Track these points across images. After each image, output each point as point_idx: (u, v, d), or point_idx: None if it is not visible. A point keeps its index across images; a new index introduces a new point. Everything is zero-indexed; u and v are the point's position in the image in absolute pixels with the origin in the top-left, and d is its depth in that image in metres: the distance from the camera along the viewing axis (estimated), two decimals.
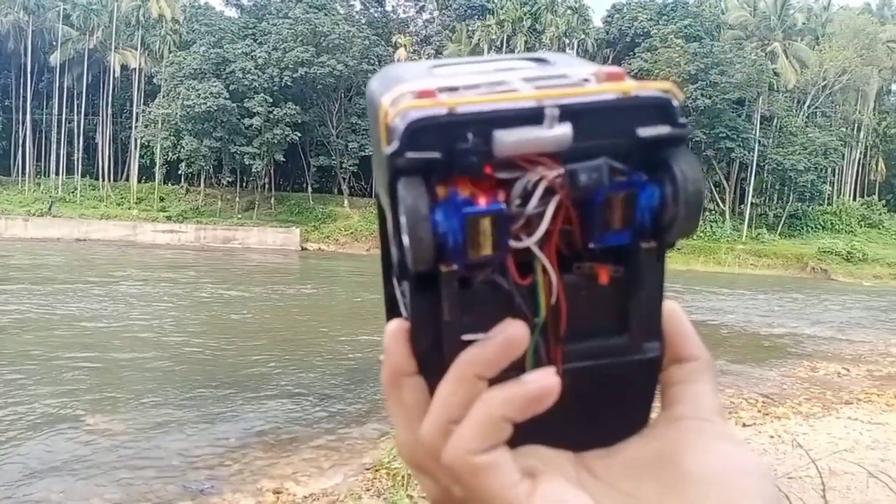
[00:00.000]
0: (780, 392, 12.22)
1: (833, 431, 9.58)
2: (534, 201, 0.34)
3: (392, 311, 0.45)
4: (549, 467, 0.37)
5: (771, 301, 26.35)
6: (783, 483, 5.84)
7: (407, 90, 0.35)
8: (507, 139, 0.33)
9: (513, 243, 0.34)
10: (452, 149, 0.32)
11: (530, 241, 0.34)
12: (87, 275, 24.07)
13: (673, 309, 0.41)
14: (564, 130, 0.33)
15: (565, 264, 0.36)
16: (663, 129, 0.35)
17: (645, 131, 0.35)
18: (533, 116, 0.33)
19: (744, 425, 9.81)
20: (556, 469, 0.38)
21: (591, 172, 0.33)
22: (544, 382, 0.34)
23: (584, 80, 0.37)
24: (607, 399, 0.37)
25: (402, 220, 0.32)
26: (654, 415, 0.40)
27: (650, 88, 0.35)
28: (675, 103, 0.35)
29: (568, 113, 0.33)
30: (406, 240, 0.33)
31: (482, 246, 0.33)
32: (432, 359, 0.37)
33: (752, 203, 44.31)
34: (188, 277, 25.22)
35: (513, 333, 0.34)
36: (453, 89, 0.35)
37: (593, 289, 0.36)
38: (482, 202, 0.33)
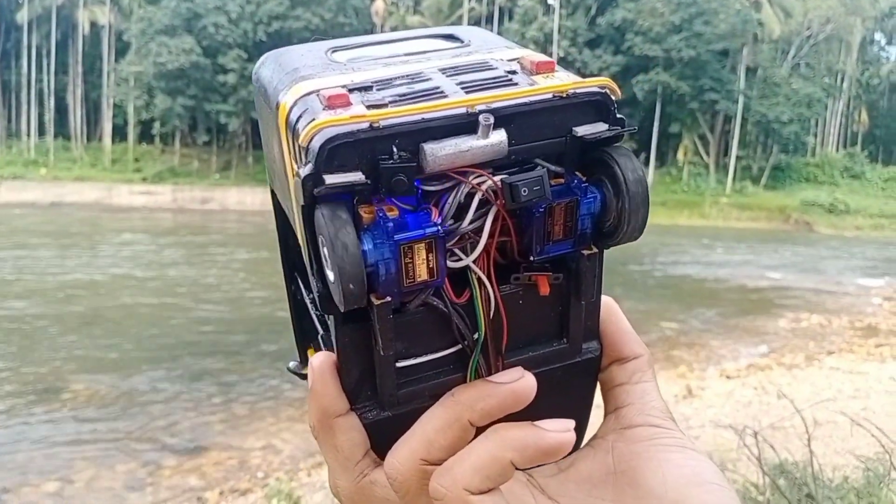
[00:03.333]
0: (763, 343, 12.14)
1: (816, 381, 9.55)
2: (469, 215, 0.32)
3: (300, 320, 0.43)
4: (511, 498, 0.35)
5: (755, 254, 26.28)
6: (768, 433, 5.64)
7: (312, 89, 0.33)
8: (439, 153, 0.30)
9: (450, 264, 0.32)
10: (376, 166, 0.30)
11: (468, 260, 0.32)
12: (63, 238, 23.53)
13: (610, 306, 0.39)
14: (500, 138, 0.31)
15: (501, 274, 0.34)
16: (601, 128, 0.33)
17: (582, 130, 0.33)
18: (465, 125, 0.31)
19: (727, 378, 9.72)
20: (516, 499, 0.36)
21: (532, 185, 0.31)
22: (563, 437, 0.33)
23: (511, 72, 0.35)
24: (547, 405, 0.35)
25: (325, 252, 0.30)
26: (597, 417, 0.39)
27: (587, 85, 0.34)
28: (613, 99, 0.34)
29: (502, 118, 0.31)
30: (331, 275, 0.30)
31: (418, 272, 0.30)
32: (363, 390, 0.35)
33: (736, 156, 44.09)
34: (166, 240, 24.72)
35: (522, 386, 0.33)
36: (366, 88, 0.33)
37: (532, 298, 0.35)
38: (413, 223, 0.30)
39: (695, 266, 21.65)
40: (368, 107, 0.31)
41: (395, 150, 0.30)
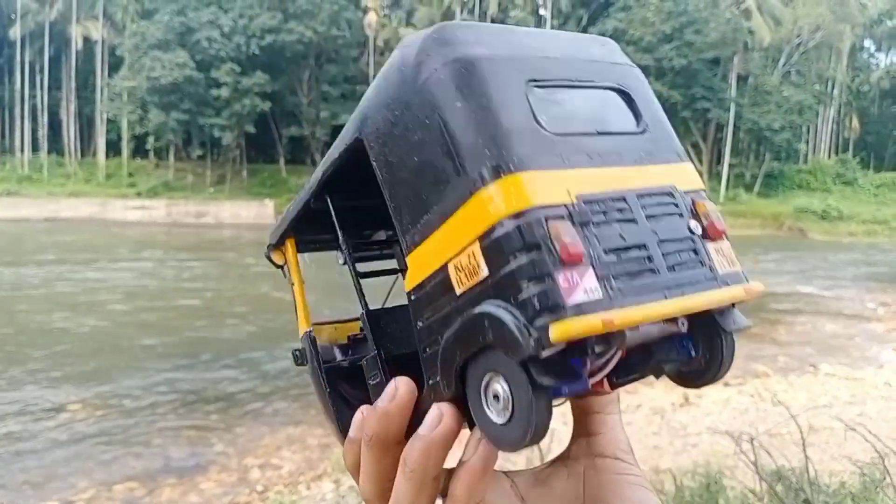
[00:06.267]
0: (760, 350, 12.16)
1: (812, 388, 9.55)
2: (604, 360, 0.40)
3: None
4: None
5: (749, 261, 26.34)
6: (765, 440, 5.65)
7: (534, 205, 0.38)
8: (636, 338, 0.38)
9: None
10: (586, 350, 0.37)
11: (590, 381, 0.40)
12: (62, 255, 23.44)
13: None
14: (685, 326, 0.40)
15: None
16: (746, 323, 0.43)
17: (731, 325, 0.43)
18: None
19: (725, 385, 9.71)
20: None
21: (670, 354, 0.41)
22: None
23: (697, 235, 0.44)
24: None
25: (516, 412, 0.37)
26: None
27: (754, 291, 0.42)
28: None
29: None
30: (517, 432, 0.37)
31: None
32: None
33: (729, 164, 44.26)
34: (160, 255, 24.67)
35: (389, 392, 0.43)
36: (590, 231, 0.39)
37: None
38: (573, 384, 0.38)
39: None
40: (603, 286, 0.38)
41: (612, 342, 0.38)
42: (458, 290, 0.41)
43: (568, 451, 0.46)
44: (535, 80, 0.42)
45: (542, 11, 45.29)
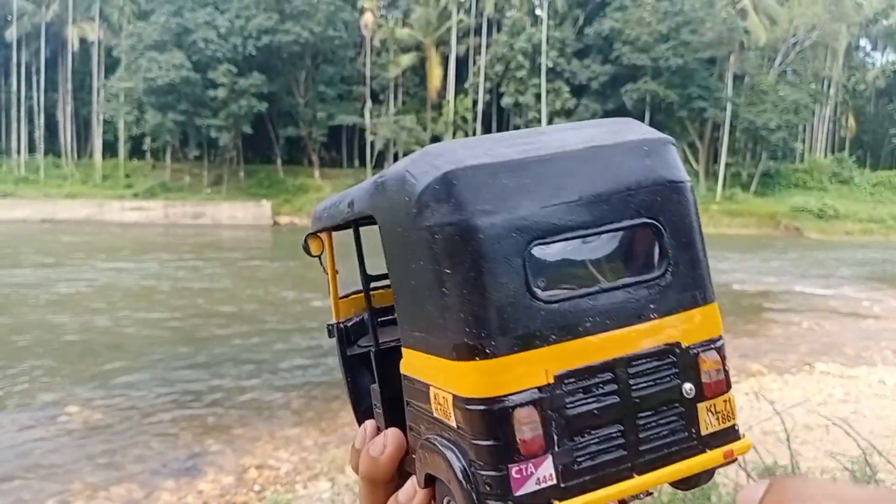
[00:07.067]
0: (755, 349, 12.20)
1: (807, 386, 9.61)
2: None
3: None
4: None
5: (745, 260, 26.41)
6: (758, 438, 5.71)
7: (514, 389, 0.39)
8: None
9: None
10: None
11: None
12: (55, 256, 23.45)
13: None
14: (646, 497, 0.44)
15: None
16: (708, 481, 0.45)
17: (693, 484, 0.45)
18: None
19: None
20: None
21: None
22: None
23: (692, 397, 0.44)
24: None
25: None
26: None
27: (736, 453, 0.44)
28: None
29: None
30: None
31: None
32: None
33: (725, 163, 44.34)
34: (157, 256, 24.67)
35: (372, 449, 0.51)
36: (561, 413, 0.40)
37: None
38: None
39: None
40: (559, 474, 0.38)
41: None
42: (434, 413, 0.43)
43: None
44: (540, 240, 0.40)
45: (538, 12, 45.31)
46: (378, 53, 46.79)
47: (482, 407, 0.38)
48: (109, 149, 48.78)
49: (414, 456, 0.47)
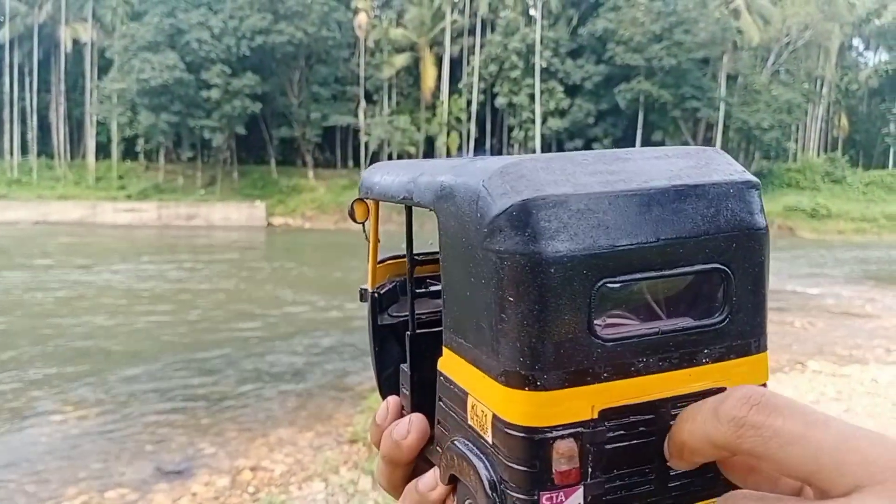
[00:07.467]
0: None
1: (799, 385, 9.64)
2: None
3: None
4: None
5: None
6: None
7: (551, 436, 0.39)
8: None
9: None
10: None
11: None
12: (49, 258, 23.38)
13: None
14: None
15: None
16: None
17: None
18: None
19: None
20: None
21: None
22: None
23: None
24: None
25: None
26: None
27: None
28: None
29: None
30: None
31: None
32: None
33: None
34: (152, 258, 24.62)
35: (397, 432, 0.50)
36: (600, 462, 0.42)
37: None
38: None
39: None
40: None
41: None
42: (469, 420, 0.43)
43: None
44: (611, 278, 0.39)
45: (531, 12, 45.36)
46: (372, 54, 46.76)
47: (524, 435, 0.38)
48: (102, 150, 48.64)
49: (438, 448, 0.47)
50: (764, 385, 0.43)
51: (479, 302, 0.40)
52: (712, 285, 0.42)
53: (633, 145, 45.38)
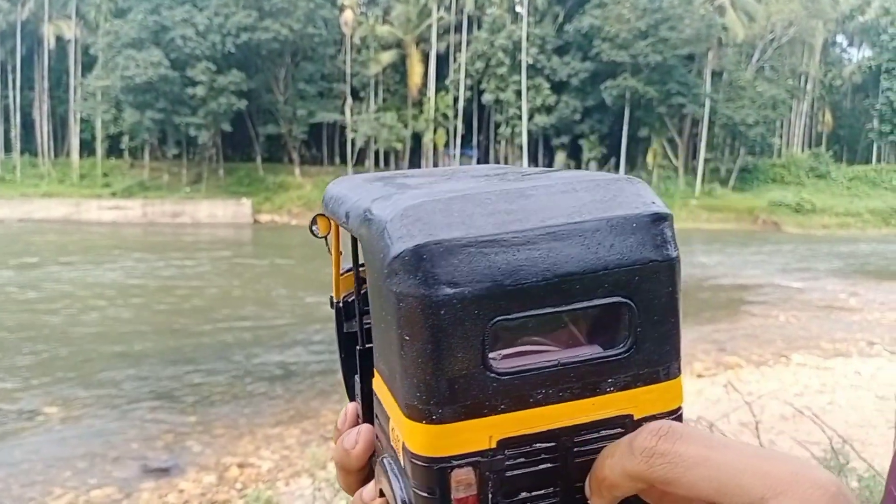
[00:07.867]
0: (733, 342, 12.33)
1: (784, 378, 9.73)
2: None
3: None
4: None
5: (724, 254, 26.68)
6: (735, 428, 5.79)
7: (448, 466, 0.41)
8: None
9: None
10: None
11: None
12: (35, 256, 23.20)
13: None
14: None
15: None
16: None
17: None
18: None
19: (698, 376, 9.86)
20: None
21: None
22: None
23: None
24: None
25: None
26: None
27: None
28: None
29: None
30: None
31: None
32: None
33: (704, 158, 44.74)
34: (138, 255, 24.48)
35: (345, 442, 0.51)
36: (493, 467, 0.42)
37: None
38: None
39: None
40: None
41: None
42: (391, 441, 0.45)
43: None
44: (504, 315, 0.40)
45: (518, 9, 45.40)
46: (358, 51, 46.66)
47: (424, 464, 0.40)
48: (87, 148, 48.24)
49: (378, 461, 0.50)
50: (679, 408, 0.44)
51: (386, 336, 0.42)
52: (615, 318, 0.42)
53: (620, 141, 45.50)
